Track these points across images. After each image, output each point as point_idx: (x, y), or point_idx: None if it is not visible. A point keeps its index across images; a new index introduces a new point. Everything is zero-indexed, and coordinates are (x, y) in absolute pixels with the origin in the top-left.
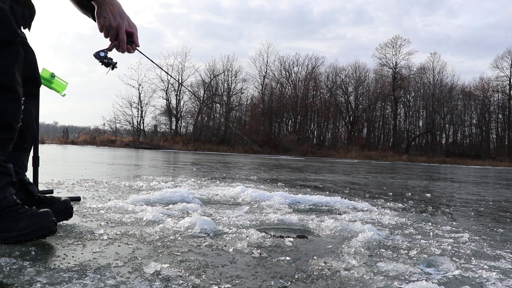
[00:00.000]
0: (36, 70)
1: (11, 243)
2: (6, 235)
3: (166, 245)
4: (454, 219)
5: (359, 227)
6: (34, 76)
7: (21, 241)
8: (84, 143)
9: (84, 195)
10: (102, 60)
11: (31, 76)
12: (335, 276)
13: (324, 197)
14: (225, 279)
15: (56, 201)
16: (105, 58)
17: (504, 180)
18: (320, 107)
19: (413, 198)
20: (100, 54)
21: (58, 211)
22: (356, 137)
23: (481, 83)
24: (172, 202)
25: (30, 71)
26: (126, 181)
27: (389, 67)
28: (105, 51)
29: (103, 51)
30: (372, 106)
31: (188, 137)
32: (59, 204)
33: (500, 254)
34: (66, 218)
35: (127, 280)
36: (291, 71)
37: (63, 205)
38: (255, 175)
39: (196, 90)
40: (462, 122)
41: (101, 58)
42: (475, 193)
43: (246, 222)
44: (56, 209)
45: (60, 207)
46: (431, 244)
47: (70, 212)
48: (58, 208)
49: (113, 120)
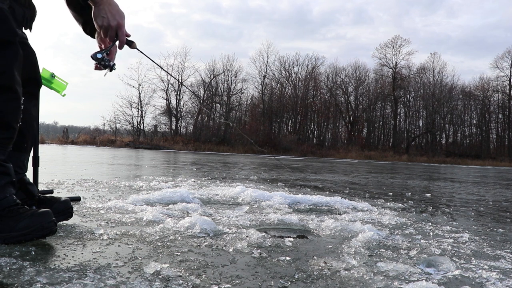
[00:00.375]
0: (37, 70)
1: (11, 243)
2: (6, 235)
3: (166, 245)
4: (454, 219)
5: (359, 227)
6: (35, 76)
7: (21, 241)
8: (84, 143)
9: (84, 195)
10: (100, 62)
11: (32, 77)
12: (335, 276)
13: (324, 197)
14: (225, 279)
15: (56, 201)
16: (102, 59)
17: (504, 180)
18: (320, 107)
19: (413, 198)
20: (98, 56)
21: (58, 211)
22: (356, 137)
23: (481, 83)
24: (172, 202)
25: (31, 72)
26: (126, 181)
27: (389, 67)
28: (103, 53)
29: (101, 53)
30: (372, 106)
31: (188, 137)
32: (59, 204)
33: (500, 254)
34: (66, 218)
35: (127, 280)
36: (291, 71)
37: (63, 205)
38: (255, 175)
39: (196, 90)
40: (462, 122)
41: (98, 60)
42: (475, 193)
43: (246, 222)
44: (56, 209)
45: (60, 207)
46: (431, 244)
47: (70, 212)
48: (58, 208)
49: (113, 120)
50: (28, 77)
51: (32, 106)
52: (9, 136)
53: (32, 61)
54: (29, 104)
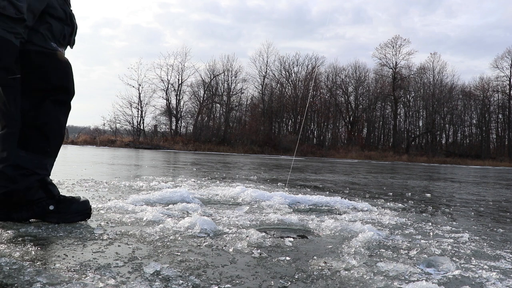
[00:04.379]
0: (70, 80)
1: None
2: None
3: (166, 245)
4: (454, 219)
5: (359, 227)
6: (67, 85)
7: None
8: (84, 143)
9: (84, 195)
10: None
11: (63, 85)
12: (335, 276)
13: (324, 197)
14: (225, 279)
15: (75, 201)
16: None
17: (504, 180)
18: (320, 107)
19: (413, 198)
20: None
21: (77, 211)
22: (356, 137)
23: (481, 83)
24: (172, 202)
25: (62, 80)
26: (126, 181)
27: (389, 67)
28: None
29: None
30: (372, 106)
31: (188, 137)
32: (78, 205)
33: (500, 254)
34: (84, 219)
35: (127, 280)
36: (291, 71)
37: (82, 206)
38: (255, 175)
39: (196, 90)
40: (462, 122)
41: None
42: (475, 193)
43: (246, 222)
44: (75, 209)
45: (79, 208)
46: (431, 244)
47: (88, 213)
48: (77, 208)
49: (113, 120)
50: (59, 85)
51: (62, 114)
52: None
53: (64, 71)
54: (58, 112)
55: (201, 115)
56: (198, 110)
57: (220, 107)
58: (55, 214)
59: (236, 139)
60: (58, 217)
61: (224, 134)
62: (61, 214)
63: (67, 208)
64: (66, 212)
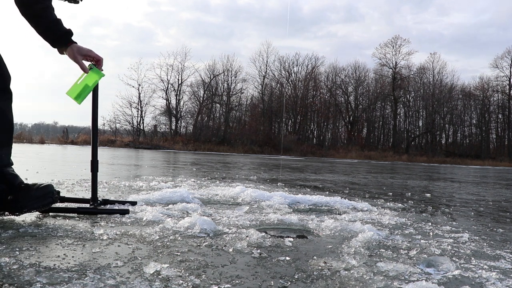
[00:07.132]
0: (1, 65)
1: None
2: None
3: (166, 245)
4: (454, 219)
5: (359, 227)
6: (1, 73)
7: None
8: (84, 143)
9: (84, 195)
10: None
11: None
12: (335, 276)
13: (324, 197)
14: (225, 279)
15: (34, 188)
16: None
17: (504, 180)
18: (320, 107)
19: (413, 198)
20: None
21: (36, 197)
22: (356, 137)
23: (480, 83)
24: (172, 202)
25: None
26: (126, 181)
27: (389, 67)
28: None
29: None
30: (372, 106)
31: (188, 137)
32: (36, 191)
33: (500, 254)
34: (44, 204)
35: (127, 280)
36: (291, 71)
37: (41, 191)
38: (255, 175)
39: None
40: (462, 122)
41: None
42: (475, 193)
43: (246, 222)
44: (34, 195)
45: (38, 193)
46: (431, 244)
47: (50, 197)
48: (36, 194)
49: (113, 120)
50: None
51: (2, 101)
52: None
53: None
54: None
55: (201, 115)
56: (198, 110)
57: (220, 107)
58: (13, 203)
59: (236, 139)
60: (15, 206)
61: (224, 134)
62: (19, 202)
63: (25, 195)
64: (23, 199)
